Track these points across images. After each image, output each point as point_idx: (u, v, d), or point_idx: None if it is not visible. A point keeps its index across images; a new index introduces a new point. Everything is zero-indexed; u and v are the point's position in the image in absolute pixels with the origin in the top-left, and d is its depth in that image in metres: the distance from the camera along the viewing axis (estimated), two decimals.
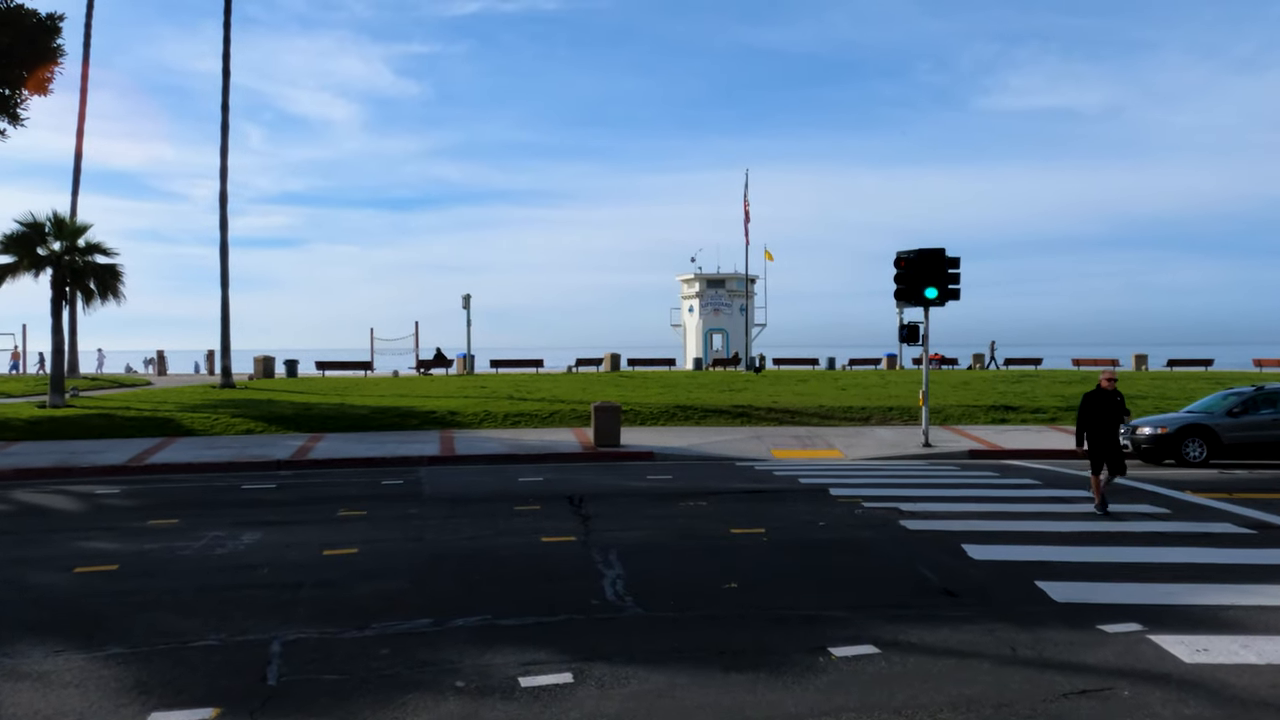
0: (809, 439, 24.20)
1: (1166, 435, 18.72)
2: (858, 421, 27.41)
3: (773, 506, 13.13)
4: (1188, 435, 18.65)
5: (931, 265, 22.03)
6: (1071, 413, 28.27)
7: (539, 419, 27.05)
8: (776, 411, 28.57)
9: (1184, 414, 19.68)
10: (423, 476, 17.44)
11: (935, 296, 22.01)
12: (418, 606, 8.01)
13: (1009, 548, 10.19)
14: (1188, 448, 18.63)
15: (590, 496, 14.15)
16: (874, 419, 27.70)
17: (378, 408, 28.59)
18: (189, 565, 9.70)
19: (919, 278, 22.07)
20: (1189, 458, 18.61)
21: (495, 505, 13.46)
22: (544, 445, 22.49)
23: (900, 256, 22.35)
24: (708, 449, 22.22)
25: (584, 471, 18.32)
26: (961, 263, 22.36)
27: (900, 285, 22.33)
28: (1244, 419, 18.70)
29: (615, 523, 11.83)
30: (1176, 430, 18.69)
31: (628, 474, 17.62)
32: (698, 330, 61.23)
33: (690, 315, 62.30)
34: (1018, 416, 27.79)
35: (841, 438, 24.27)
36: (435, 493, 14.99)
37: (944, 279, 22.06)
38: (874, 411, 28.45)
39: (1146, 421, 19.46)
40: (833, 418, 27.84)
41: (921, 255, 22.08)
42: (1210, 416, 18.88)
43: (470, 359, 46.04)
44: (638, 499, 13.98)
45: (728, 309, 60.61)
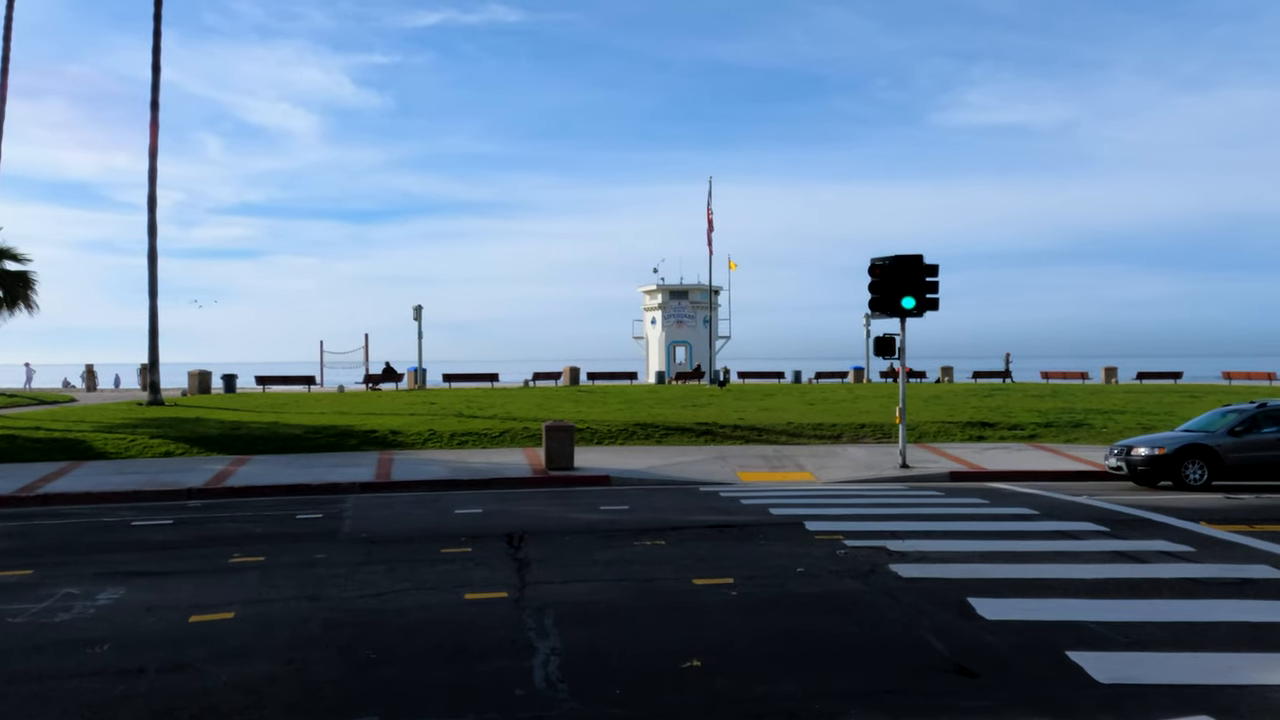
0: (777, 460, 22.53)
1: (1165, 456, 17.28)
2: (828, 440, 25.82)
3: (741, 547, 11.37)
4: (1188, 456, 17.22)
5: (908, 273, 20.51)
6: (1050, 429, 26.93)
7: (488, 439, 25.13)
8: (742, 429, 26.90)
9: (1181, 433, 18.28)
10: (348, 508, 15.48)
11: (913, 307, 20.47)
12: (283, 705, 6.13)
13: (1025, 602, 8.52)
14: (1188, 469, 17.21)
15: (533, 534, 12.30)
16: (845, 437, 26.13)
17: (315, 426, 26.47)
18: (13, 639, 7.71)
19: (895, 286, 20.53)
20: (1189, 480, 17.18)
21: (420, 547, 11.57)
22: (491, 469, 20.58)
23: (875, 263, 20.79)
24: (669, 471, 20.46)
25: (531, 500, 16.46)
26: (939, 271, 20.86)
27: (875, 295, 20.77)
28: (1246, 438, 17.32)
29: (557, 570, 9.99)
30: (1175, 451, 17.25)
31: (579, 504, 15.79)
32: (660, 343, 59.54)
33: (653, 328, 60.61)
34: (995, 434, 26.37)
35: (812, 458, 22.64)
36: (355, 529, 13.05)
37: (922, 288, 20.54)
38: (845, 429, 26.88)
39: (1142, 441, 18.03)
40: (802, 436, 26.22)
41: (898, 262, 20.55)
42: (1210, 436, 17.48)
43: (422, 373, 43.91)
44: (587, 537, 12.16)
45: (691, 321, 59.00)
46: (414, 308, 43.36)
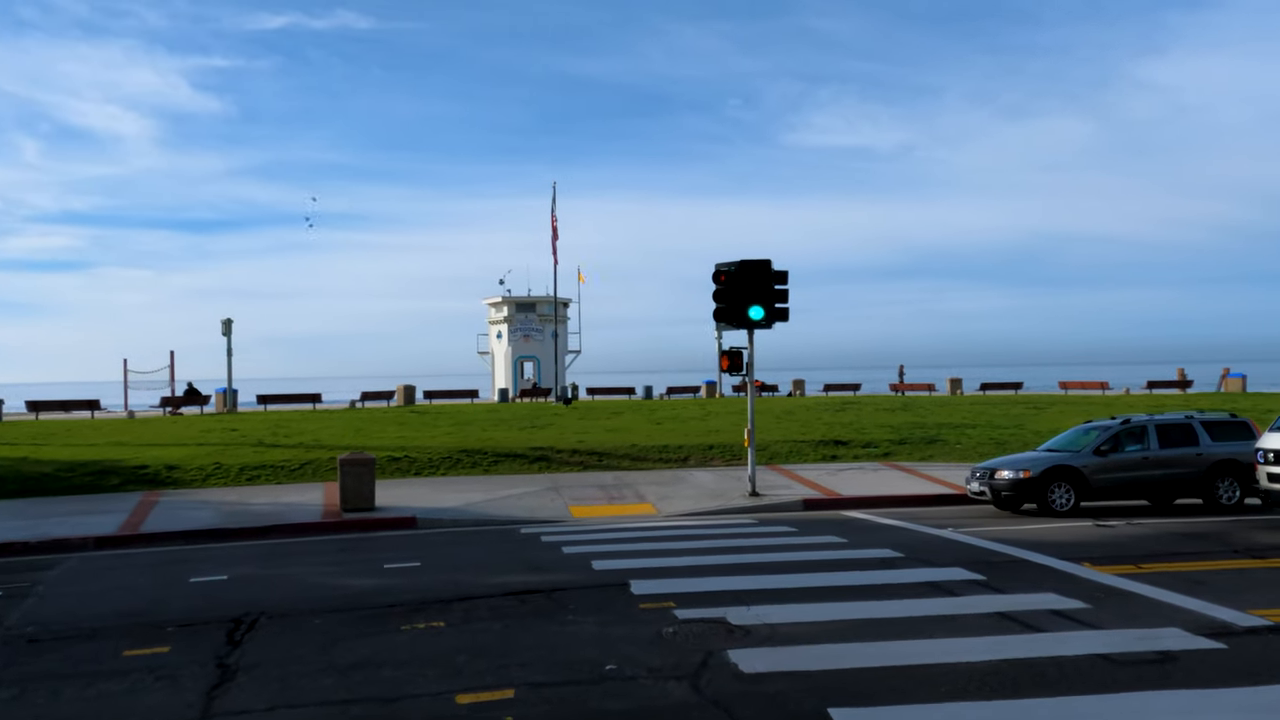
0: (617, 489, 20.09)
1: (1030, 480, 15.80)
2: (675, 463, 23.60)
3: (543, 627, 8.75)
4: (1053, 479, 15.80)
5: (756, 280, 18.49)
6: (904, 446, 25.66)
7: (286, 472, 21.63)
8: (582, 454, 24.35)
9: (1044, 453, 16.90)
10: (51, 578, 11.98)
11: (761, 317, 18.47)
12: None
13: (906, 713, 6.26)
14: (1054, 493, 15.78)
15: (272, 618, 9.31)
16: (693, 460, 23.99)
17: (75, 462, 22.25)
18: None
19: (742, 295, 18.49)
20: (1055, 506, 15.75)
21: (102, 646, 8.40)
22: (273, 512, 17.22)
23: (720, 270, 18.70)
24: (490, 508, 17.67)
25: (304, 557, 13.35)
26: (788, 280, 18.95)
27: (721, 304, 18.67)
28: (1112, 457, 16.06)
29: (269, 689, 7.09)
30: (1041, 473, 15.79)
31: (361, 560, 12.82)
32: (507, 358, 56.45)
33: (498, 342, 57.46)
34: (849, 452, 24.82)
35: (655, 486, 20.31)
36: (27, 617, 9.68)
37: (770, 296, 18.56)
38: (693, 451, 24.76)
39: (1005, 463, 16.53)
40: (646, 459, 23.90)
41: (744, 268, 18.51)
42: (1076, 456, 16.12)
43: (231, 395, 39.31)
44: (343, 620, 9.26)
45: (539, 335, 56.18)
46: (223, 322, 38.75)
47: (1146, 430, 16.34)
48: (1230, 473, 15.94)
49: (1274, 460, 13.63)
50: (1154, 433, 16.29)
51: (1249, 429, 16.49)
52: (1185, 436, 16.31)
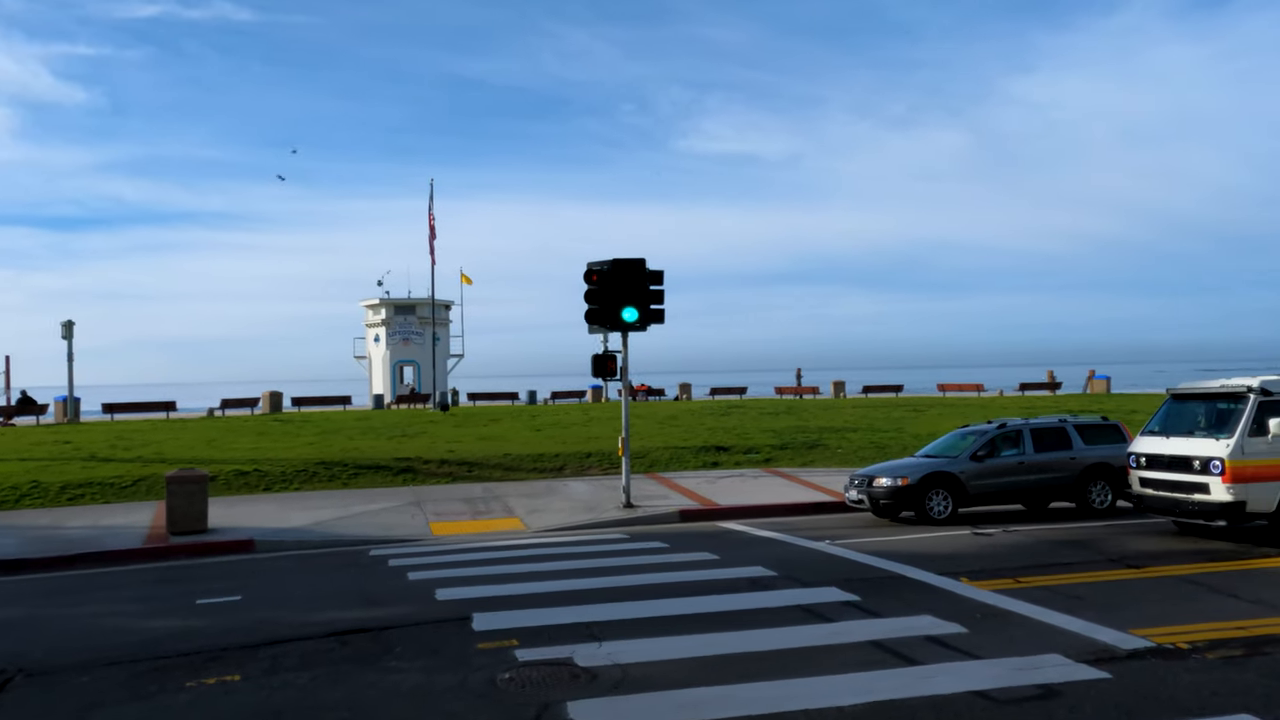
0: (485, 502, 18.83)
1: (909, 487, 15.32)
2: (550, 473, 22.47)
3: (357, 678, 7.51)
4: (932, 486, 15.36)
5: (630, 280, 17.56)
6: (785, 451, 25.19)
7: (116, 490, 19.55)
8: (451, 464, 22.96)
9: (922, 459, 16.48)
10: None
11: (635, 319, 17.54)
12: None
13: None
14: (932, 501, 15.34)
15: (29, 675, 7.78)
16: (569, 469, 22.91)
17: None
18: None
19: (615, 296, 17.52)
20: (933, 513, 15.32)
21: None
22: (87, 537, 15.32)
23: (591, 269, 17.68)
24: (340, 527, 16.18)
25: (104, 593, 11.67)
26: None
27: (593, 305, 17.66)
28: (989, 463, 15.73)
29: None
30: (920, 480, 15.34)
31: (171, 595, 11.26)
32: (385, 362, 54.19)
33: (376, 346, 55.11)
34: (731, 458, 24.16)
35: (526, 498, 19.14)
36: None
37: (645, 297, 17.65)
38: (569, 459, 23.68)
39: (884, 471, 16.02)
40: (519, 469, 22.70)
41: (618, 267, 17.55)
42: (953, 462, 15.74)
43: (73, 403, 36.15)
44: (120, 674, 7.80)
45: (419, 338, 54.13)
46: (63, 324, 35.55)
47: (1022, 434, 16.10)
48: (1103, 476, 15.84)
49: (1146, 465, 13.45)
50: (1029, 437, 16.06)
51: (1120, 432, 16.46)
52: (1059, 440, 16.15)
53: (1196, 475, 12.52)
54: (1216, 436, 12.47)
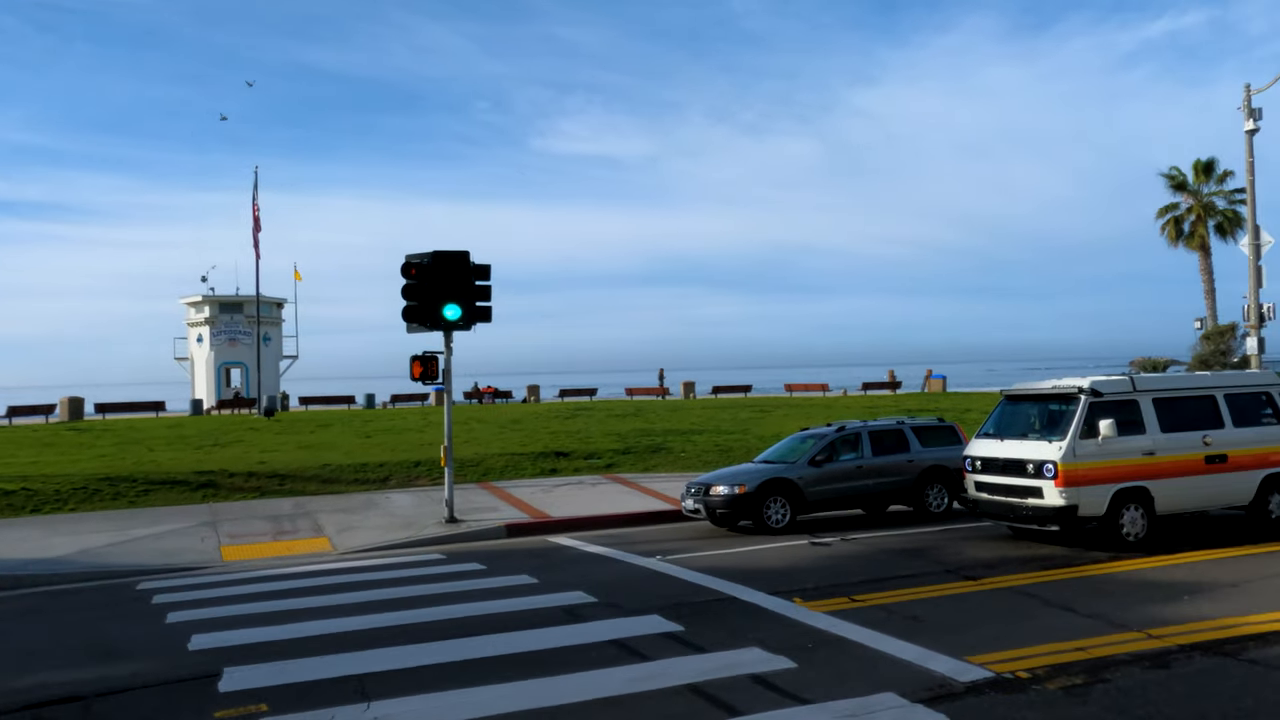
0: (292, 520, 16.96)
1: (746, 495, 14.54)
2: (373, 485, 20.70)
3: None
4: (770, 493, 14.64)
5: (452, 274, 16.10)
6: (628, 456, 24.21)
7: None
8: (261, 477, 20.83)
9: (760, 465, 15.76)
10: None
11: (458, 318, 16.10)
12: None
13: None
14: (770, 509, 14.62)
15: None
16: (395, 480, 21.18)
17: None
18: None
19: (436, 291, 16.04)
20: (771, 522, 14.60)
21: None
22: None
23: (410, 262, 16.12)
24: (111, 555, 14.04)
25: None
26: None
27: (411, 302, 16.10)
28: (827, 468, 15.14)
29: None
30: (757, 488, 14.58)
31: None
32: (209, 364, 50.28)
33: (199, 347, 51.09)
34: (570, 465, 22.99)
35: (340, 514, 17.37)
36: None
37: (470, 293, 16.25)
38: (396, 469, 21.94)
39: (722, 477, 15.19)
40: (339, 481, 20.81)
41: (439, 260, 16.06)
42: (791, 468, 15.07)
43: None
44: None
45: (247, 339, 50.46)
46: None
47: (861, 437, 15.61)
48: (939, 479, 15.54)
49: (981, 469, 13.09)
50: (868, 440, 15.60)
51: (955, 433, 16.24)
52: (897, 443, 15.76)
53: (1030, 479, 12.20)
54: (1049, 439, 12.19)
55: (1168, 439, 12.45)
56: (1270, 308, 24.72)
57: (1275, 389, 13.52)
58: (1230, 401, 13.04)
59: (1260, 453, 13.03)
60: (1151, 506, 12.26)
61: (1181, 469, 12.46)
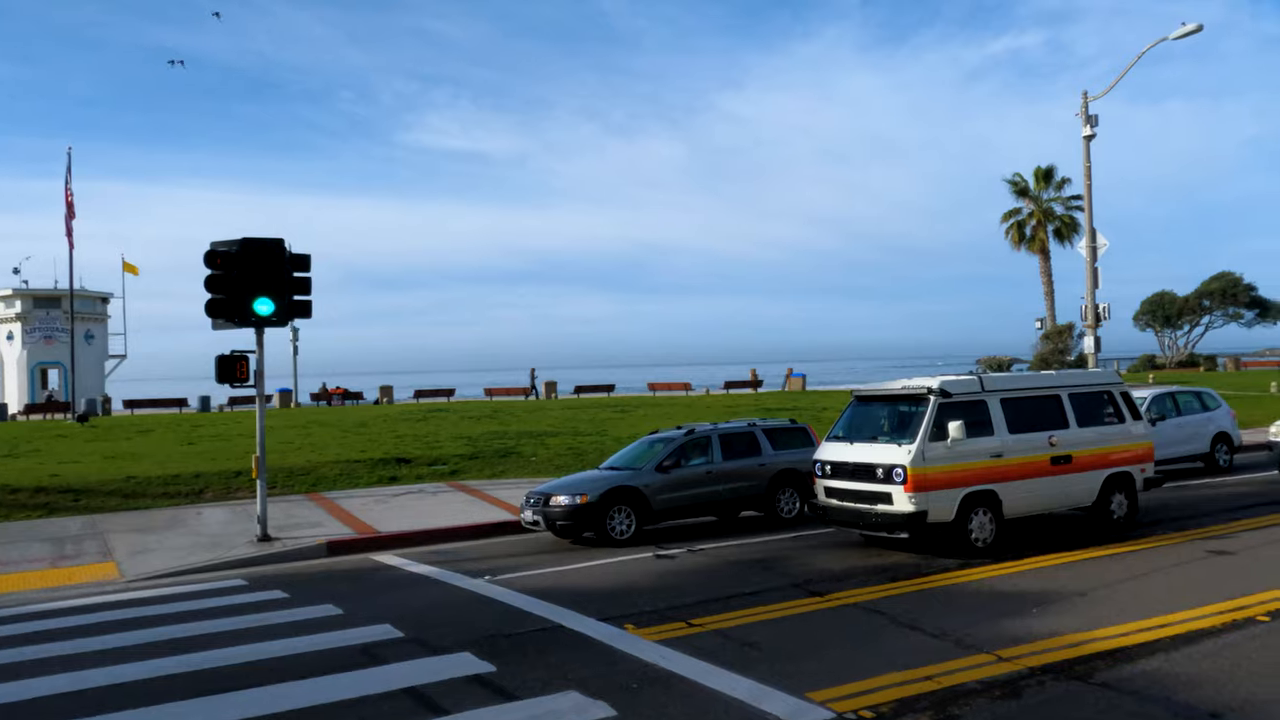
0: (78, 543, 14.90)
1: (588, 505, 13.52)
2: (185, 498, 18.64)
3: None
4: (614, 502, 13.69)
5: (265, 264, 14.44)
6: (476, 461, 22.85)
7: None
8: (52, 492, 18.46)
9: (605, 472, 14.78)
10: None
11: (271, 312, 14.45)
12: None
13: None
14: (614, 520, 13.67)
15: None
16: (211, 491, 19.18)
17: None
18: None
19: (246, 283, 14.34)
20: (615, 534, 13.66)
21: None
22: None
23: (216, 250, 14.37)
24: None
25: None
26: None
27: (216, 294, 14.35)
28: (675, 474, 14.30)
29: None
30: (600, 497, 13.59)
31: None
32: (20, 365, 45.74)
33: (10, 345, 46.42)
34: (413, 472, 21.46)
35: (137, 534, 15.41)
36: None
37: (285, 285, 14.61)
38: (215, 479, 19.91)
39: (562, 487, 14.13)
40: (145, 495, 18.66)
41: (249, 248, 14.36)
42: (637, 475, 14.15)
43: None
44: None
45: (66, 336, 46.16)
46: None
47: (710, 441, 14.86)
48: (791, 483, 14.96)
49: (831, 473, 12.49)
50: (718, 444, 14.86)
51: (808, 435, 15.70)
52: (748, 446, 15.09)
53: (880, 484, 11.64)
54: (898, 442, 11.66)
55: (1015, 440, 12.14)
56: (1106, 308, 25.55)
57: (1116, 388, 13.48)
58: (1074, 401, 12.89)
59: (1102, 452, 12.93)
60: (1000, 510, 11.92)
61: (1029, 471, 12.18)
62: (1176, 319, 79.39)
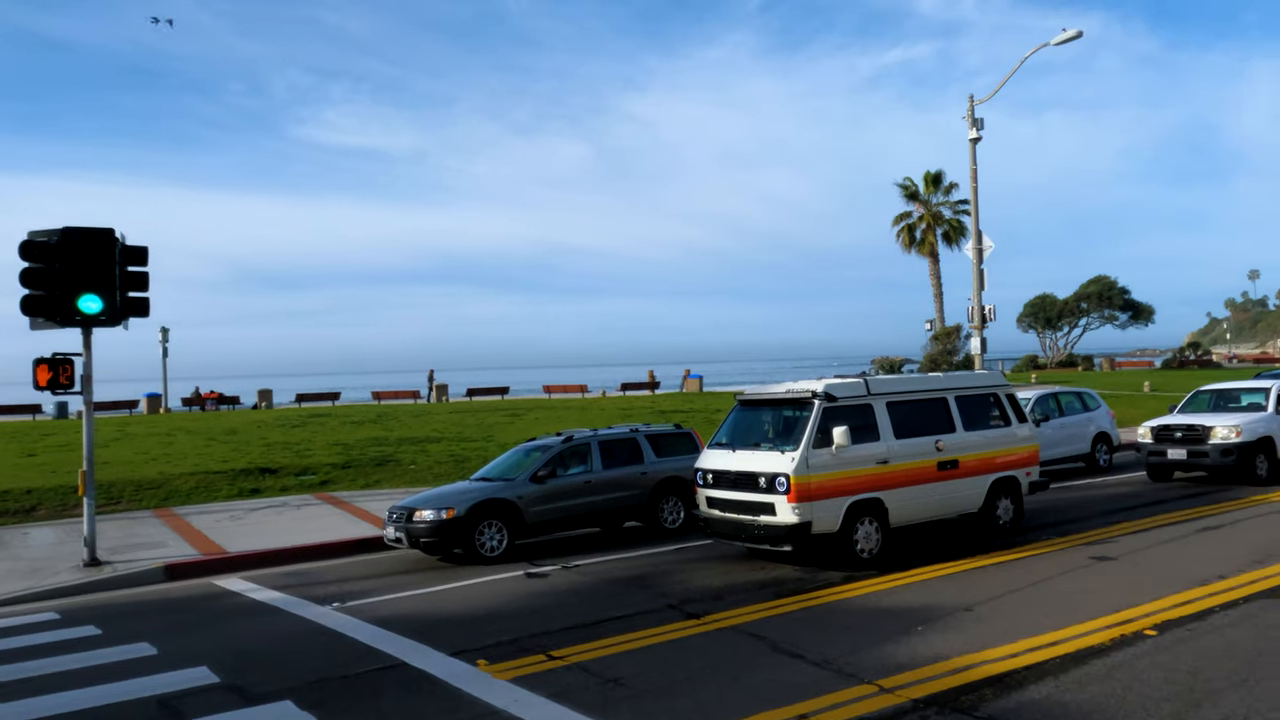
0: None
1: (456, 520, 12.50)
2: (12, 517, 16.82)
3: None
4: (484, 517, 12.70)
5: (92, 257, 12.93)
6: (349, 470, 21.45)
7: None
8: None
9: (477, 483, 13.76)
10: None
11: (99, 310, 12.95)
12: None
13: None
14: (483, 535, 12.69)
15: None
16: (45, 509, 17.36)
17: None
18: None
19: (71, 279, 12.81)
20: (485, 551, 12.68)
21: None
22: None
23: (34, 241, 12.79)
24: None
25: None
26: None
27: (35, 290, 12.78)
28: (551, 484, 13.40)
29: None
30: (469, 511, 12.59)
31: None
32: None
33: None
34: (278, 483, 19.98)
35: None
36: None
37: (116, 281, 13.12)
38: (50, 496, 18.06)
39: (428, 500, 13.05)
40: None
41: (70, 238, 12.83)
42: (509, 486, 13.19)
43: None
44: None
45: None
46: None
47: (590, 448, 14.01)
48: (675, 492, 14.25)
49: (713, 483, 11.79)
50: (598, 451, 14.02)
51: (693, 441, 15.02)
52: (630, 453, 14.31)
53: (763, 494, 10.99)
54: (782, 449, 11.03)
55: (902, 445, 11.67)
56: (991, 309, 25.80)
57: (1002, 389, 13.20)
58: (961, 404, 12.53)
59: (989, 456, 12.61)
60: (886, 519, 11.42)
61: (915, 477, 11.73)
62: (1057, 321, 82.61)
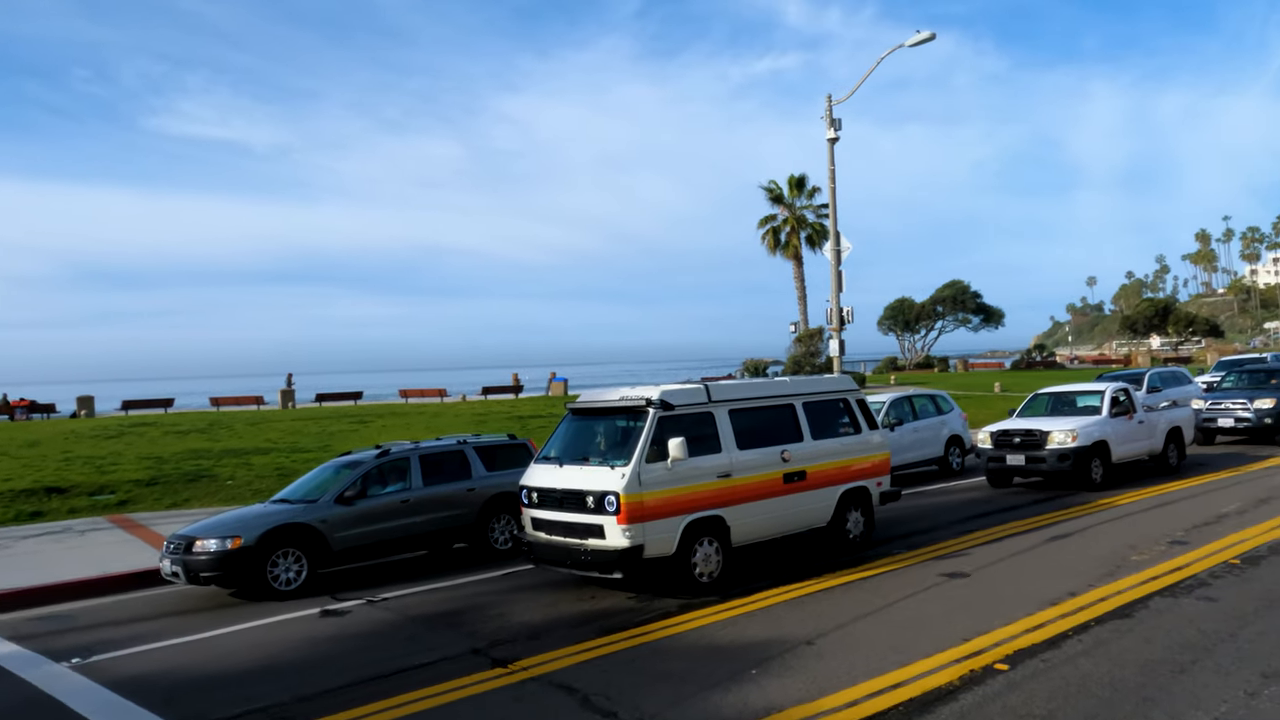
0: None
1: (243, 550, 10.82)
2: None
3: None
4: (279, 545, 11.06)
5: None
6: (155, 488, 19.08)
7: None
8: None
9: (272, 507, 12.01)
10: None
11: None
12: None
13: None
14: (278, 566, 11.06)
15: None
16: None
17: None
18: None
19: None
20: (279, 583, 11.05)
21: None
22: None
23: None
24: None
25: None
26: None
27: None
28: (361, 505, 11.86)
29: None
30: (259, 539, 10.92)
31: None
32: None
33: None
34: (65, 505, 17.59)
35: None
36: None
37: None
38: None
39: (211, 528, 11.28)
40: None
41: None
42: (311, 509, 11.58)
43: None
44: None
45: None
46: None
47: (409, 464, 12.53)
48: (506, 509, 12.95)
49: (538, 502, 10.54)
50: (418, 466, 12.56)
51: (529, 452, 13.73)
52: (457, 468, 12.92)
53: (591, 515, 9.81)
54: (612, 464, 9.88)
55: (746, 457, 10.72)
56: (850, 311, 25.53)
57: (852, 395, 12.47)
58: (809, 411, 11.71)
59: (838, 466, 11.84)
60: (728, 538, 10.44)
61: (761, 491, 10.80)
62: (915, 323, 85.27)
